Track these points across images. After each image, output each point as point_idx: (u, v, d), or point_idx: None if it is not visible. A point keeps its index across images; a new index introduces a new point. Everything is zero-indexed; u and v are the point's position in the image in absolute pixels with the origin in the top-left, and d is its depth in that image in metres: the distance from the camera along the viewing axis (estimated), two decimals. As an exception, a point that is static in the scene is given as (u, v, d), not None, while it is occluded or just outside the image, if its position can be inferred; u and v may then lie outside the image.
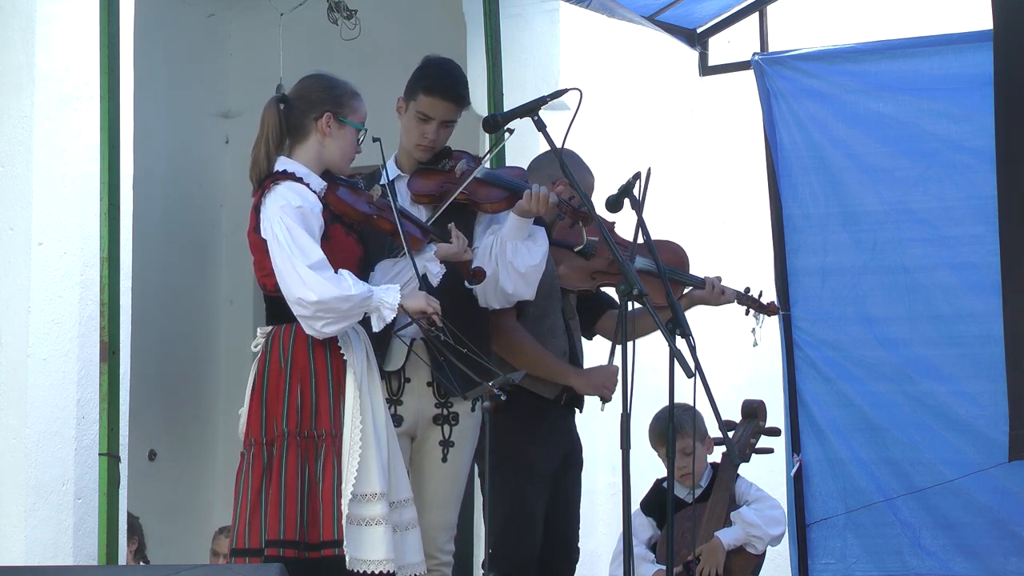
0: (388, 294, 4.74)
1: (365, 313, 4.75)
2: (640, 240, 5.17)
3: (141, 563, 7.14)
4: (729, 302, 5.82)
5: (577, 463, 5.69)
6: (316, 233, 4.76)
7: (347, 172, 5.00)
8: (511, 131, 5.32)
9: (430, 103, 5.22)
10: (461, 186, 5.18)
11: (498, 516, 5.33)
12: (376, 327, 4.77)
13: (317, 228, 4.78)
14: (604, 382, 5.48)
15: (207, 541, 7.92)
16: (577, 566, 5.74)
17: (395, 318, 4.99)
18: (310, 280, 4.65)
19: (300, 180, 4.84)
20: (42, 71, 5.89)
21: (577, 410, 5.69)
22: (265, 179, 4.85)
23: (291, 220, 4.72)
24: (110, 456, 5.47)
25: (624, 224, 5.35)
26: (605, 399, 5.52)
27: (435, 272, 4.95)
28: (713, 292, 5.70)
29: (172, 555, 7.71)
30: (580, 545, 5.72)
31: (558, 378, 5.50)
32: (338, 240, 4.82)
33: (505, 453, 5.27)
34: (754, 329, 5.90)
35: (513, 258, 5.17)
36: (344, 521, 4.66)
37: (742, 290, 5.90)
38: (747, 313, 5.94)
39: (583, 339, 5.85)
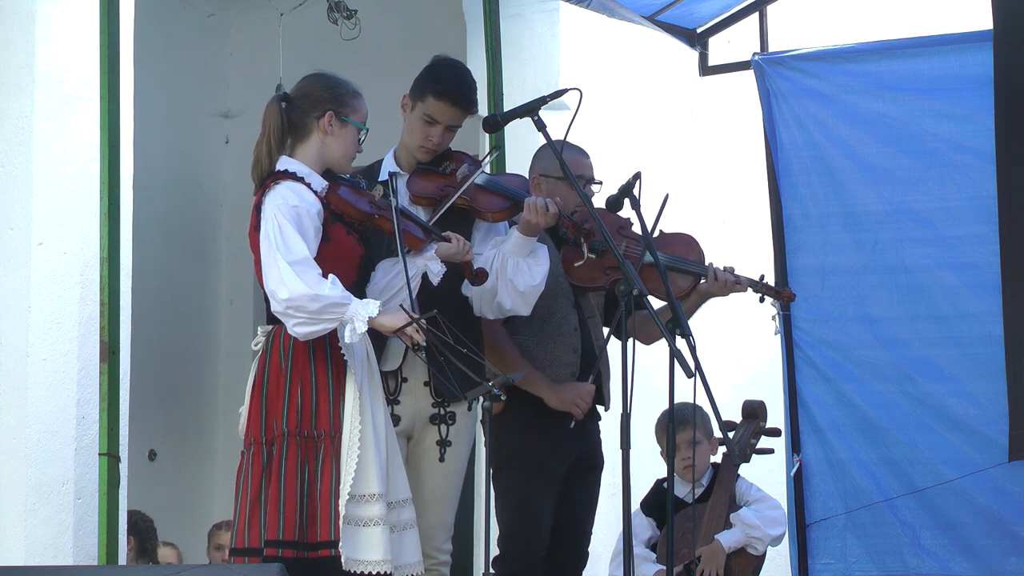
0: (366, 307, 4.68)
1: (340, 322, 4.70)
2: (656, 235, 5.17)
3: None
4: (741, 291, 5.74)
5: (593, 466, 5.64)
6: (310, 233, 4.75)
7: (348, 171, 5.00)
8: (520, 118, 5.25)
9: (439, 107, 5.20)
10: (460, 190, 5.18)
11: (503, 516, 5.34)
12: (347, 338, 4.69)
13: (312, 228, 4.77)
14: (574, 399, 5.43)
15: (207, 541, 7.92)
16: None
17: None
18: (286, 276, 4.64)
19: (301, 180, 4.84)
20: (42, 71, 5.89)
21: (601, 408, 5.66)
22: (266, 178, 4.86)
23: (283, 218, 4.72)
24: (110, 456, 5.47)
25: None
26: (576, 417, 5.46)
27: (436, 271, 4.95)
28: (718, 283, 5.62)
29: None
30: (580, 545, 5.72)
31: (531, 388, 5.39)
32: (339, 240, 4.83)
33: (509, 452, 5.27)
34: (774, 316, 5.86)
35: (514, 276, 5.15)
36: (341, 522, 4.67)
37: (757, 278, 5.82)
38: (762, 300, 5.88)
39: (615, 340, 5.81)
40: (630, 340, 4.75)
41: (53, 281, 5.85)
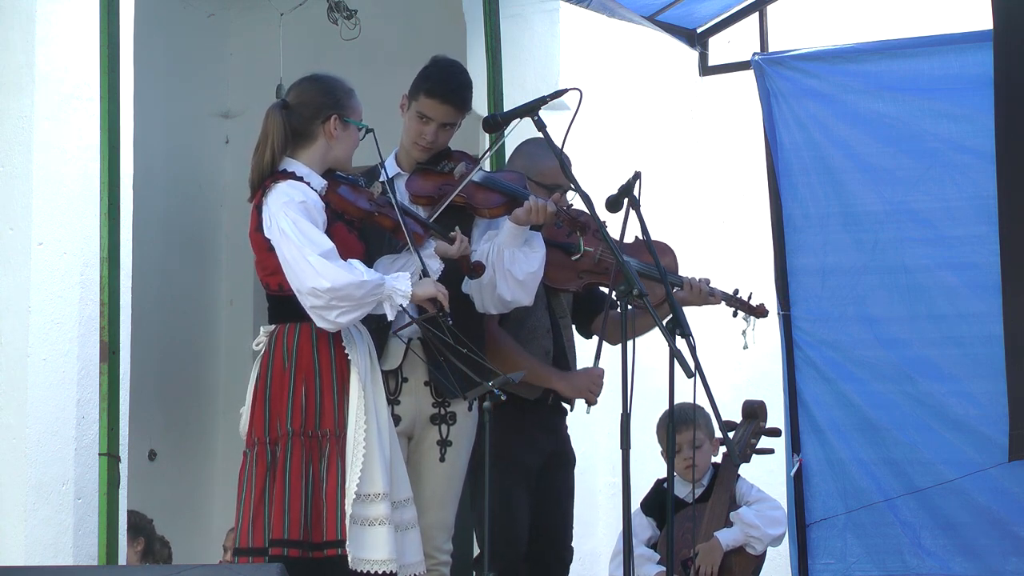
0: (400, 281, 4.77)
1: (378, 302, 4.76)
2: (631, 240, 5.17)
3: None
4: (716, 303, 5.79)
5: (566, 463, 5.68)
6: (320, 226, 4.79)
7: (350, 170, 5.02)
8: (519, 118, 5.27)
9: (430, 105, 5.23)
10: (457, 188, 5.19)
11: (487, 515, 5.34)
12: (389, 315, 4.78)
13: (321, 222, 4.81)
14: (588, 386, 5.48)
15: (207, 541, 7.93)
16: (577, 566, 5.73)
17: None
18: (322, 268, 4.66)
19: (300, 179, 4.86)
20: (42, 71, 5.89)
21: (568, 407, 5.69)
22: (266, 179, 4.86)
23: (296, 214, 4.74)
24: (110, 456, 5.47)
25: (614, 224, 5.34)
26: (590, 403, 5.51)
27: (434, 269, 4.96)
28: (694, 292, 5.66)
29: (173, 555, 7.70)
30: (580, 545, 5.71)
31: (541, 382, 5.49)
32: (340, 238, 4.84)
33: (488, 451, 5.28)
34: (744, 331, 5.88)
35: (511, 266, 5.17)
36: (347, 521, 4.67)
37: (731, 292, 5.86)
38: (735, 315, 5.92)
39: (582, 338, 5.85)
40: (630, 340, 4.75)
41: (53, 281, 5.85)
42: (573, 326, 5.78)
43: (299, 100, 4.97)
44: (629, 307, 4.76)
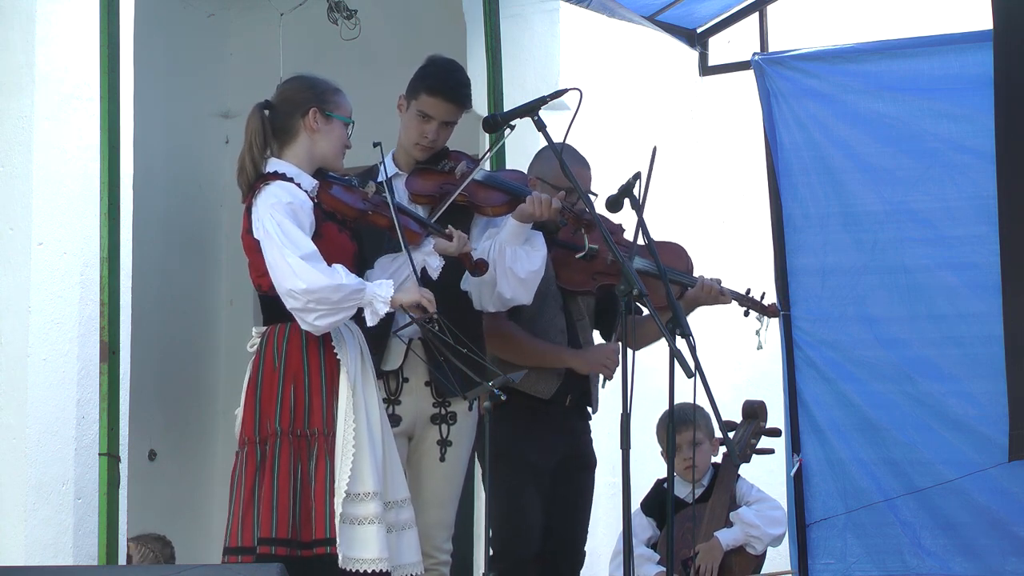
0: (381, 288, 4.75)
1: (359, 307, 4.75)
2: (641, 241, 5.17)
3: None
4: (727, 303, 5.79)
5: (583, 466, 5.66)
6: (307, 228, 4.79)
7: (341, 167, 5.02)
8: (512, 127, 5.32)
9: (432, 103, 5.24)
10: (460, 187, 5.19)
11: (495, 515, 5.35)
12: (370, 321, 4.77)
13: (308, 224, 4.80)
14: (602, 360, 5.47)
15: (207, 541, 7.92)
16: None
17: (394, 318, 5.00)
18: (300, 270, 4.66)
19: (290, 180, 4.86)
20: (42, 71, 5.89)
21: (590, 409, 5.67)
22: (256, 181, 4.87)
23: (281, 215, 4.74)
24: (110, 456, 5.47)
25: (628, 224, 5.35)
26: (606, 376, 5.51)
27: (434, 266, 4.96)
28: (708, 292, 5.66)
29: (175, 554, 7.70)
30: (579, 545, 5.72)
31: (557, 363, 5.49)
32: (330, 237, 4.84)
33: (498, 450, 5.28)
34: (758, 331, 5.89)
35: (512, 264, 5.17)
36: (337, 520, 4.67)
37: (743, 291, 5.87)
38: (746, 315, 5.92)
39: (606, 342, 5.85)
40: (637, 349, 4.76)
41: (53, 281, 5.86)
42: (597, 331, 5.77)
43: (281, 98, 5.00)
44: (632, 309, 4.76)
